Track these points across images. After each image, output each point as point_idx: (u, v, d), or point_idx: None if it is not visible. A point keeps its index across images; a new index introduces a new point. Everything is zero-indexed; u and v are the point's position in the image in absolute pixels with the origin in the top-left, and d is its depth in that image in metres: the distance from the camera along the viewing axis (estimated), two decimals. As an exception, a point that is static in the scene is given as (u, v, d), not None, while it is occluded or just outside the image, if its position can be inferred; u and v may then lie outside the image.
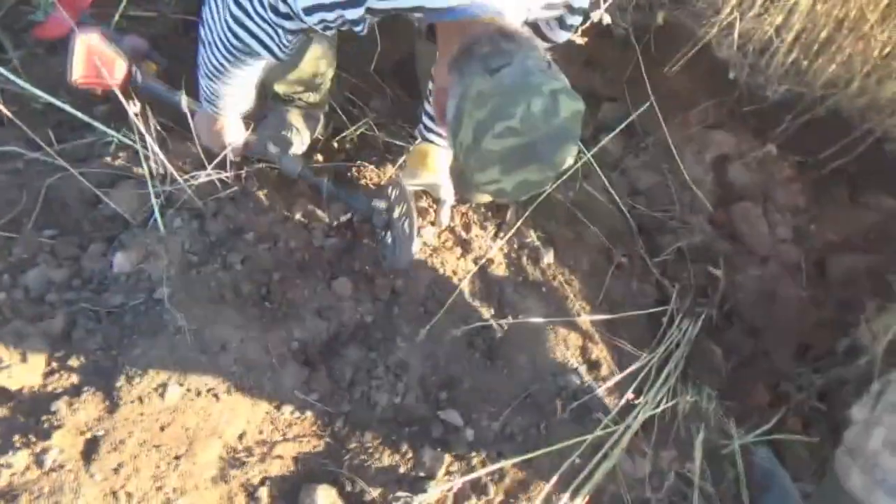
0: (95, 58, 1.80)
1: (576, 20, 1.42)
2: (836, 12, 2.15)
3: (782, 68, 2.29)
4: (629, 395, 1.83)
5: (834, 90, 2.23)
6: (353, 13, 1.26)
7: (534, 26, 1.46)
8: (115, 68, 1.82)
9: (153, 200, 1.57)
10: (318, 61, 1.93)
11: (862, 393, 1.56)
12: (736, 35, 2.26)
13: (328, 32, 1.38)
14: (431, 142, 1.88)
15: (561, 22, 1.41)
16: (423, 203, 1.98)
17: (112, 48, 1.82)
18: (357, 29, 1.32)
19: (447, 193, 1.92)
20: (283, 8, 1.31)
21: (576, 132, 1.16)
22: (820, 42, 2.23)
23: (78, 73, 1.81)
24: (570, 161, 1.20)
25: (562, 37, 1.49)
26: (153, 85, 1.89)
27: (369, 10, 1.26)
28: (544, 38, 1.49)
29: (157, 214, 1.56)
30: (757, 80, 2.31)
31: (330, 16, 1.27)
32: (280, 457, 1.52)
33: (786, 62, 2.28)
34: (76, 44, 1.80)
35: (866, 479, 1.49)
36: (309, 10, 1.27)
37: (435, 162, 1.88)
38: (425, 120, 1.89)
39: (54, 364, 1.39)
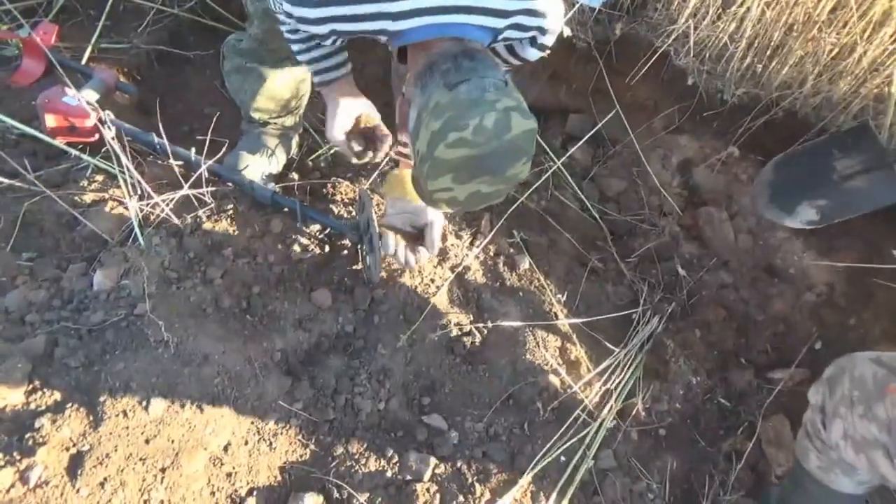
0: (62, 115, 1.84)
1: (547, 40, 1.48)
2: (786, 18, 2.25)
3: (738, 73, 2.37)
4: (600, 391, 1.89)
5: (789, 91, 2.32)
6: (317, 29, 1.32)
7: (508, 46, 1.53)
8: (84, 119, 1.84)
9: (133, 218, 1.60)
10: (298, 84, 1.98)
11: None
12: (692, 43, 2.35)
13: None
14: (407, 157, 1.90)
15: (532, 41, 1.47)
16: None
17: (76, 102, 1.84)
18: (326, 43, 1.37)
19: (434, 213, 1.86)
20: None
21: (527, 149, 1.23)
22: (772, 47, 2.32)
23: (50, 130, 1.86)
24: (522, 176, 1.27)
25: (533, 55, 1.54)
26: (124, 125, 1.91)
27: (334, 32, 1.32)
28: (517, 55, 1.55)
29: (137, 230, 1.58)
30: (715, 85, 2.39)
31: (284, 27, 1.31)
32: (267, 466, 1.53)
33: (741, 67, 2.36)
34: (41, 106, 1.85)
35: (823, 460, 1.55)
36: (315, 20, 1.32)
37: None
38: (403, 137, 1.90)
39: (37, 382, 1.39)
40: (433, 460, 1.63)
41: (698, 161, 2.52)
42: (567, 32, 2.07)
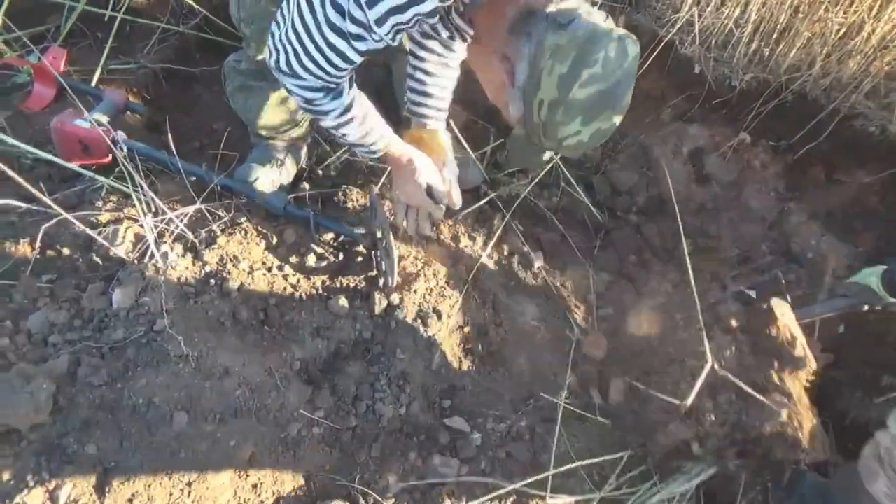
0: (75, 138, 1.87)
1: None
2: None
3: (745, 58, 2.36)
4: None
5: (798, 74, 2.30)
6: (428, 5, 1.22)
7: None
8: (96, 141, 1.87)
9: (148, 236, 1.61)
10: None
11: None
12: (697, 31, 2.34)
13: (397, 40, 1.34)
14: (424, 117, 1.86)
15: None
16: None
17: (88, 124, 1.87)
18: (432, 21, 1.30)
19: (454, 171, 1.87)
20: (353, 28, 1.29)
21: (634, 74, 1.21)
22: (778, 30, 2.30)
23: (63, 153, 1.89)
24: (628, 105, 1.24)
25: None
26: (136, 144, 1.93)
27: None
28: None
29: (153, 247, 1.60)
30: (722, 71, 2.38)
31: (404, 17, 1.24)
32: (291, 476, 1.54)
33: (748, 52, 2.35)
34: (54, 131, 1.88)
35: (893, 489, 1.51)
36: (381, 20, 1.24)
37: (443, 142, 1.87)
38: (411, 95, 1.85)
39: (62, 402, 1.41)
40: (457, 463, 1.63)
41: (709, 149, 2.50)
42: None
